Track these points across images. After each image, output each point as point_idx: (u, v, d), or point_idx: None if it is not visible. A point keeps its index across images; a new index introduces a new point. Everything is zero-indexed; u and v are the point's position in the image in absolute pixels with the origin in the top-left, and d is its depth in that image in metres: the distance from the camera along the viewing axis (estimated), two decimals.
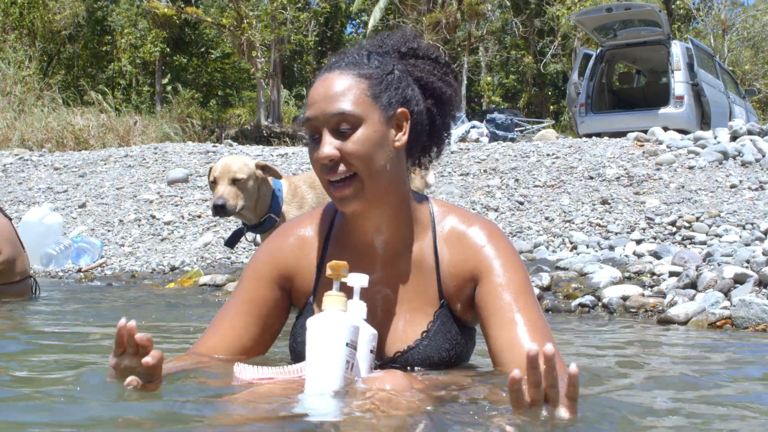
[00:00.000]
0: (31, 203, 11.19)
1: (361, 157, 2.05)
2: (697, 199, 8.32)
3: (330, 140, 2.05)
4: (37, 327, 4.31)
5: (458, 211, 2.26)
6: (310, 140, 2.11)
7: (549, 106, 33.76)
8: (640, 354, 3.36)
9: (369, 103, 2.07)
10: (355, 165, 2.05)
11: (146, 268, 8.32)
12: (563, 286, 5.63)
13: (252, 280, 2.29)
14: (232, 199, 4.92)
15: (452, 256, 2.18)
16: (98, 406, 1.87)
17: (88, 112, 19.70)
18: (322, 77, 2.12)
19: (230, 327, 2.26)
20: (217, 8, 27.05)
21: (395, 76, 2.13)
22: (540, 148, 11.42)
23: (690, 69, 14.01)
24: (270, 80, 23.91)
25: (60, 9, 27.95)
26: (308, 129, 2.10)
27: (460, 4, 25.94)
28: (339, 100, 2.05)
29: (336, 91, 2.06)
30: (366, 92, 2.08)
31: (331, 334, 1.89)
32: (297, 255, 2.27)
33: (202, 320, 4.42)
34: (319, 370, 1.88)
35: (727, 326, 4.32)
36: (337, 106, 2.05)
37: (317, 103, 2.07)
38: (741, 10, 34.10)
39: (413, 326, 2.17)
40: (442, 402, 1.88)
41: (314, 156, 2.08)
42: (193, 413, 1.81)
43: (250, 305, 2.26)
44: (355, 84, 2.08)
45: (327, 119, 2.05)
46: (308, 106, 2.10)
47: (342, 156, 2.04)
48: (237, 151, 13.35)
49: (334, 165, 2.05)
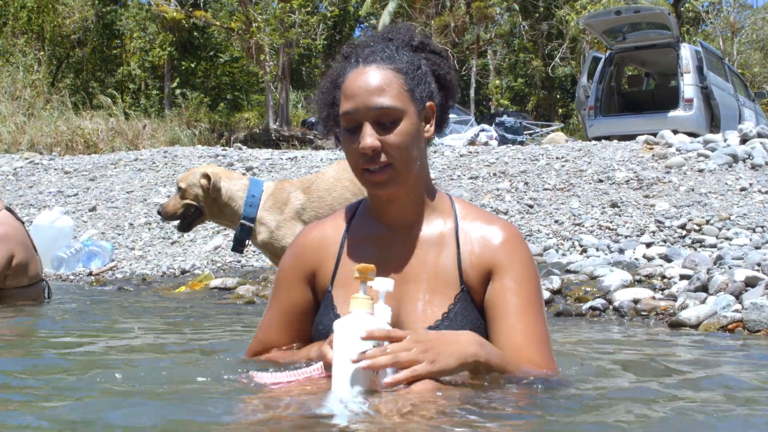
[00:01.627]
0: (41, 207, 11.23)
1: (401, 149, 2.15)
2: (707, 202, 8.31)
3: (371, 132, 2.13)
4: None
5: (481, 211, 2.34)
6: (345, 131, 2.19)
7: (557, 109, 33.72)
8: (652, 357, 3.36)
9: (407, 98, 2.18)
10: (394, 156, 2.15)
11: (157, 271, 8.34)
12: (574, 289, 5.62)
13: (283, 289, 2.37)
14: (169, 207, 5.48)
15: (474, 247, 2.24)
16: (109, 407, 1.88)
17: (98, 116, 19.77)
18: (358, 69, 2.19)
19: (277, 338, 2.38)
20: (225, 12, 27.10)
21: (423, 71, 2.23)
22: (549, 152, 11.42)
23: (699, 72, 13.99)
24: (279, 84, 23.92)
25: (69, 13, 28.05)
26: (346, 121, 2.17)
27: (469, 8, 25.95)
28: (381, 94, 2.14)
29: (377, 85, 2.15)
30: (404, 87, 2.18)
31: (357, 337, 1.93)
32: (318, 251, 2.35)
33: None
34: (345, 371, 1.92)
35: (739, 329, 4.31)
36: (380, 101, 2.14)
37: (358, 96, 2.15)
38: (750, 13, 34.03)
39: (432, 307, 2.20)
40: (465, 403, 1.89)
41: (352, 146, 2.17)
42: (210, 420, 1.83)
43: (289, 314, 2.36)
44: (394, 79, 2.17)
45: (368, 112, 2.14)
46: (345, 98, 2.17)
47: (383, 147, 2.14)
48: (247, 154, 13.38)
49: (375, 155, 2.14)
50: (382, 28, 2.40)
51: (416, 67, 2.21)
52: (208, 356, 3.00)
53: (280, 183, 5.50)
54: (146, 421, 1.79)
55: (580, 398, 2.11)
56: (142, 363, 2.87)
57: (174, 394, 2.14)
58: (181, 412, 1.88)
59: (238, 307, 5.94)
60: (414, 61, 2.22)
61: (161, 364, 2.82)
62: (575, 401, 2.06)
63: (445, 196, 2.35)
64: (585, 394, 2.19)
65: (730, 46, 30.03)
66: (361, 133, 2.14)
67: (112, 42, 30.43)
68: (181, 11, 24.11)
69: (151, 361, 2.96)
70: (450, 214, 2.30)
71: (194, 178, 5.44)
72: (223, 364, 2.54)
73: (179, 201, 5.48)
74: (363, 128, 2.14)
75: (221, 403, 1.94)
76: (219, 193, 5.36)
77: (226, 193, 5.37)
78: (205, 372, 2.36)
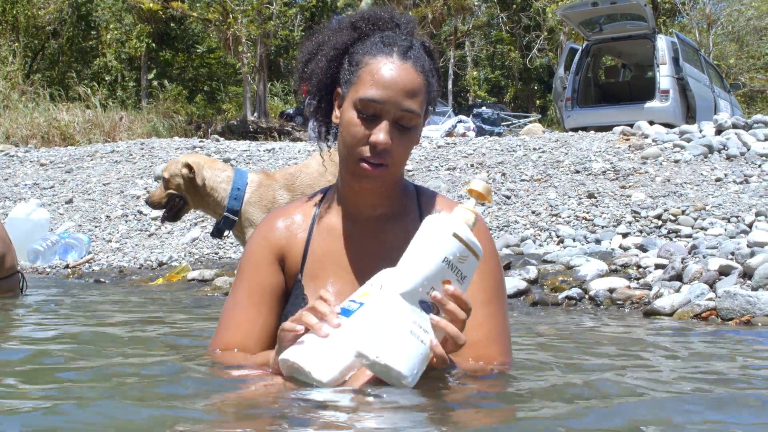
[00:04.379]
0: (17, 199, 11.16)
1: (404, 153, 2.16)
2: (683, 193, 8.37)
3: (389, 129, 2.09)
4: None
5: (445, 200, 2.32)
6: (354, 113, 2.12)
7: (535, 100, 33.79)
8: (624, 348, 3.39)
9: (423, 107, 2.17)
10: (395, 158, 2.13)
11: (134, 263, 8.32)
12: (550, 279, 5.66)
13: (252, 269, 2.29)
14: (154, 196, 5.55)
15: None
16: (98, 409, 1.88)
17: (74, 108, 19.62)
18: (392, 60, 2.12)
19: (245, 319, 2.26)
20: (202, 3, 26.95)
21: (435, 82, 2.21)
22: (526, 143, 11.46)
23: (675, 63, 14.08)
24: (256, 75, 23.84)
25: (44, 4, 27.78)
26: (365, 107, 2.10)
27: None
28: (412, 98, 2.11)
29: (413, 89, 2.11)
30: (425, 97, 2.16)
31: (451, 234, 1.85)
32: (286, 236, 2.29)
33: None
34: (410, 265, 1.84)
35: (713, 317, 4.36)
36: (410, 105, 2.10)
37: (390, 90, 2.09)
38: (725, 5, 34.21)
39: None
40: (435, 396, 1.90)
41: (361, 132, 2.10)
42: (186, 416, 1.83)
43: (258, 294, 2.26)
44: (424, 86, 2.14)
45: (395, 110, 2.10)
46: (377, 84, 2.10)
47: (391, 147, 2.11)
48: (224, 146, 13.33)
49: (383, 152, 2.10)
50: (380, 8, 2.30)
51: (432, 75, 2.19)
52: (174, 349, 3.00)
53: (265, 178, 5.48)
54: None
55: (531, 391, 2.08)
56: (113, 357, 2.87)
57: (144, 391, 2.14)
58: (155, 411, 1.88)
59: (215, 299, 5.94)
60: (432, 69, 2.20)
61: (129, 360, 2.82)
62: (527, 394, 2.05)
63: (410, 185, 2.33)
64: (536, 386, 2.16)
65: (705, 37, 30.17)
66: (377, 124, 2.10)
67: (88, 33, 30.18)
68: (157, 2, 23.94)
69: (118, 356, 2.96)
70: (414, 203, 2.29)
71: (176, 167, 5.46)
72: (180, 362, 2.47)
73: (163, 191, 5.51)
74: (382, 122, 2.10)
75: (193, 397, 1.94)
76: (203, 183, 5.35)
77: (208, 183, 5.37)
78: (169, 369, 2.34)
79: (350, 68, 2.17)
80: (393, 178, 2.18)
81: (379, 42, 2.15)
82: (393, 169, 2.14)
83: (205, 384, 2.06)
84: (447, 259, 1.82)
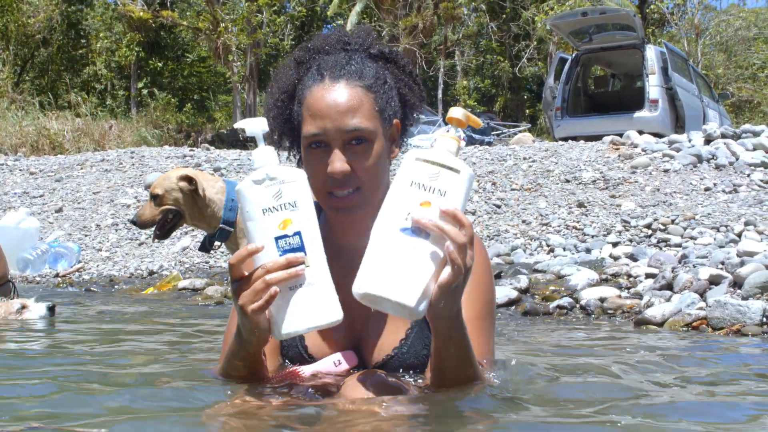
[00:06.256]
0: (6, 208, 11.12)
1: (371, 172, 2.04)
2: (672, 202, 8.41)
3: (341, 155, 2.01)
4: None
5: None
6: (308, 151, 2.06)
7: (525, 110, 33.89)
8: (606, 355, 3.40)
9: (377, 118, 2.06)
10: (363, 180, 2.03)
11: (124, 272, 8.29)
12: (541, 288, 5.68)
13: None
14: (145, 215, 5.37)
15: None
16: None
17: (63, 117, 19.59)
18: (323, 85, 2.05)
19: None
20: (192, 12, 26.96)
21: (389, 86, 2.11)
22: (517, 152, 11.49)
23: (664, 73, 14.14)
24: (246, 84, 23.86)
25: (34, 12, 27.76)
26: (312, 142, 2.04)
27: (437, 9, 26.00)
28: (353, 115, 2.01)
29: (349, 106, 2.02)
30: (374, 107, 2.05)
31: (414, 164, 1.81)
32: None
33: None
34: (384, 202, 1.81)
35: (703, 327, 4.38)
36: (352, 123, 2.01)
37: (327, 117, 2.01)
38: (714, 15, 34.40)
39: (390, 332, 2.12)
40: (421, 405, 1.89)
41: (318, 168, 2.03)
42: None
43: None
44: (365, 98, 2.04)
45: (339, 135, 2.01)
46: (314, 117, 2.03)
47: (352, 171, 2.02)
48: (215, 155, 13.32)
49: (345, 180, 2.01)
50: (335, 31, 2.20)
51: (383, 82, 2.09)
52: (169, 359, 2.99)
53: None
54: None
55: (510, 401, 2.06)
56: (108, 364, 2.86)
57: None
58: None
59: (206, 308, 5.93)
60: (380, 75, 2.10)
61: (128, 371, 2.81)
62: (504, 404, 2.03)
63: None
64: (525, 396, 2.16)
65: (694, 47, 30.33)
66: (329, 155, 2.01)
67: (77, 42, 30.16)
68: (147, 11, 23.95)
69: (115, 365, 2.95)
70: None
71: (171, 182, 5.31)
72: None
73: (155, 208, 5.34)
74: (332, 151, 2.01)
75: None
76: (203, 194, 5.27)
77: (207, 195, 5.29)
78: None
79: (297, 109, 2.11)
80: (373, 201, 2.03)
81: (314, 71, 2.09)
82: (368, 192, 2.05)
83: (205, 395, 2.07)
84: (414, 182, 1.79)
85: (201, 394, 2.04)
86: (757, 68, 34.04)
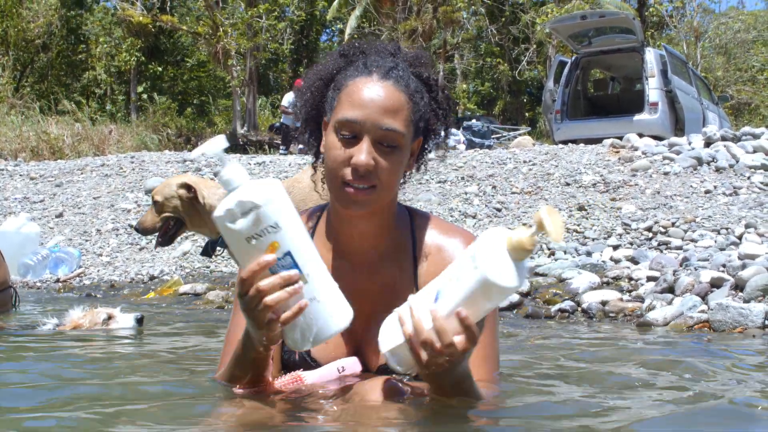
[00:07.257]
0: (7, 213, 11.11)
1: (391, 174, 2.06)
2: (673, 205, 8.41)
3: (370, 149, 2.02)
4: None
5: (439, 223, 2.26)
6: (336, 136, 2.06)
7: (525, 113, 33.93)
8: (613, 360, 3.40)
9: (409, 127, 2.08)
10: (381, 180, 2.05)
11: (125, 277, 8.29)
12: (542, 291, 5.67)
13: None
14: (147, 222, 5.39)
15: (429, 267, 2.16)
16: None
17: (63, 122, 19.60)
18: (370, 79, 2.08)
19: None
20: (192, 16, 27.00)
21: (424, 103, 2.14)
22: (517, 155, 11.49)
23: (664, 76, 14.15)
24: (246, 88, 23.88)
25: (34, 17, 27.79)
26: (345, 128, 2.05)
27: (436, 12, 26.04)
28: (393, 116, 2.04)
29: (392, 106, 2.04)
30: (410, 116, 2.08)
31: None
32: None
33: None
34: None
35: (705, 329, 4.38)
36: (390, 123, 2.03)
37: (367, 109, 2.03)
38: (713, 17, 34.45)
39: None
40: (426, 409, 1.90)
41: (342, 155, 2.04)
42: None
43: None
44: (406, 104, 2.07)
45: (375, 129, 2.03)
46: (353, 104, 2.05)
47: (375, 168, 2.03)
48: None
49: (366, 174, 2.02)
50: (386, 41, 2.27)
51: (421, 97, 2.12)
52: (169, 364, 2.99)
53: None
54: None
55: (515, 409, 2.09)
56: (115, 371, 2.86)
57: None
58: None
59: (208, 313, 5.92)
60: (422, 91, 2.13)
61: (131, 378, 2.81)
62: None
63: (403, 210, 2.26)
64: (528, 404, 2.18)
65: (693, 50, 30.39)
66: (358, 145, 2.03)
67: (77, 47, 30.19)
68: (147, 16, 23.98)
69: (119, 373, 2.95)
70: (408, 234, 2.22)
71: (170, 190, 5.28)
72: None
73: (156, 215, 5.33)
74: (362, 142, 2.02)
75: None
76: (203, 201, 5.25)
77: (207, 202, 5.25)
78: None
79: (332, 94, 2.12)
80: (383, 202, 2.10)
81: (361, 65, 2.12)
82: (382, 193, 2.06)
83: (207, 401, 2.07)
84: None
85: (203, 399, 2.04)
86: (756, 71, 34.08)
